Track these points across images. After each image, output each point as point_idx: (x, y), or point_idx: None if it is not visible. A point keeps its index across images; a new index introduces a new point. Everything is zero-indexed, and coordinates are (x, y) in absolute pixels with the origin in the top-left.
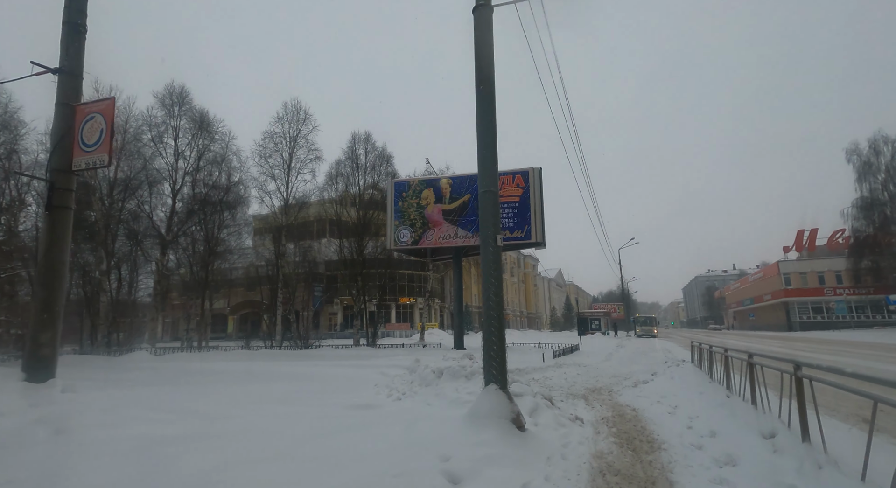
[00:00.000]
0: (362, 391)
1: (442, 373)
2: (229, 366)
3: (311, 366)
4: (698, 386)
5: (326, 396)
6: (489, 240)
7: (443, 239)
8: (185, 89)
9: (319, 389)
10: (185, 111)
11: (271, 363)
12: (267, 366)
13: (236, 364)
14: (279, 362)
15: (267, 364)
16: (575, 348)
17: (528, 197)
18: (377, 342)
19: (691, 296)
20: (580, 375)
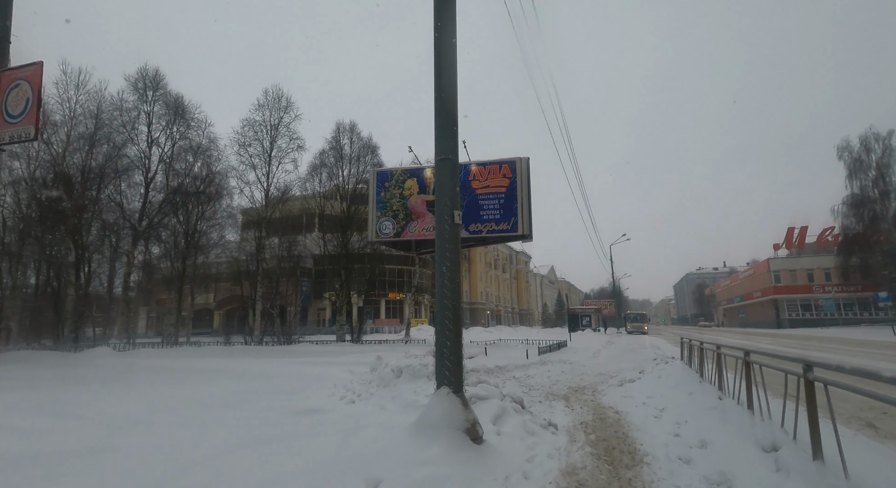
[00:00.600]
0: (316, 391)
1: (401, 373)
2: (189, 364)
3: (278, 363)
4: (688, 386)
5: (273, 398)
6: (445, 217)
7: (426, 231)
8: (160, 73)
9: (269, 389)
10: (160, 96)
11: (239, 360)
12: (230, 364)
13: (201, 361)
14: (248, 359)
15: (233, 361)
16: (562, 345)
17: (514, 187)
18: (362, 338)
19: (682, 293)
20: (564, 373)
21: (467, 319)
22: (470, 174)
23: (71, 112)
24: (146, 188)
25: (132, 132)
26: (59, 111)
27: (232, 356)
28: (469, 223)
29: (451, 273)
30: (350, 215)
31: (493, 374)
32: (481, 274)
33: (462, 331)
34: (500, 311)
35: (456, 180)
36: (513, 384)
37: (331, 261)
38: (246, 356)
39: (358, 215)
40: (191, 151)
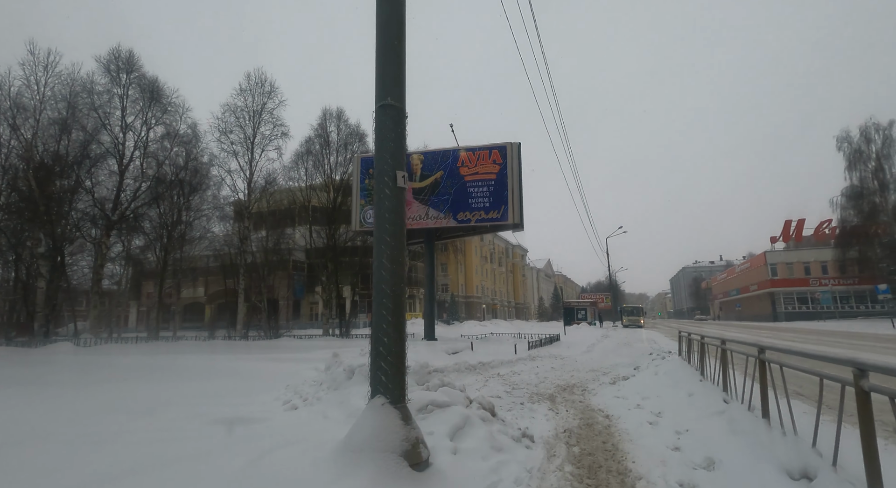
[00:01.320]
0: (262, 394)
1: (353, 373)
2: (153, 361)
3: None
4: (687, 385)
5: (209, 402)
6: (385, 179)
7: (413, 220)
8: (134, 54)
9: (212, 391)
10: (135, 79)
11: (210, 356)
12: (198, 360)
13: (168, 357)
14: (220, 355)
15: (203, 357)
16: (555, 339)
17: (505, 174)
18: (351, 332)
19: (678, 286)
20: (554, 369)
21: (462, 313)
22: (458, 160)
23: (40, 96)
24: (120, 176)
25: (104, 117)
26: (26, 94)
27: (206, 351)
28: (457, 211)
29: (391, 250)
30: (337, 206)
31: (476, 372)
32: (477, 267)
33: (405, 324)
34: (496, 305)
35: (401, 134)
36: (496, 382)
37: (319, 254)
38: (221, 351)
39: (346, 206)
40: (168, 138)
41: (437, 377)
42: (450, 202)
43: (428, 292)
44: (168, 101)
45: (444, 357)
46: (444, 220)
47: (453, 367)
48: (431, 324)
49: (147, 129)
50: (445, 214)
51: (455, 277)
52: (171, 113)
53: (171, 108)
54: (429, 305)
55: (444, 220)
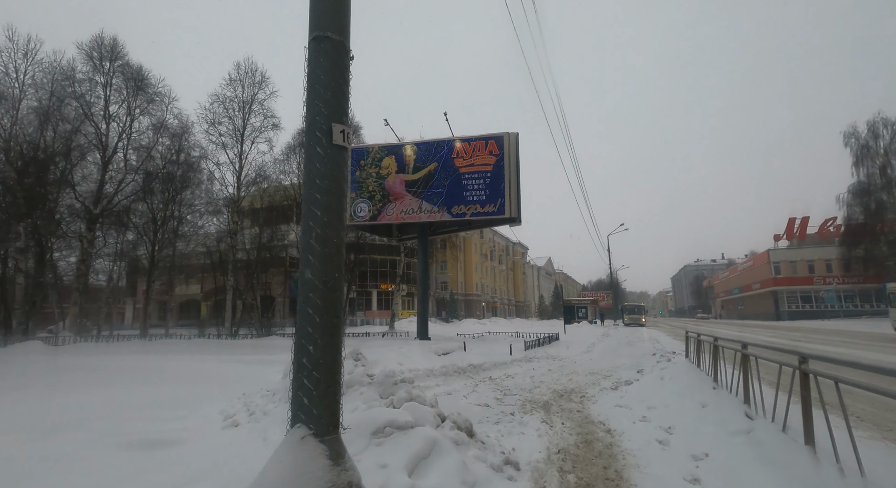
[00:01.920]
0: (205, 406)
1: None
2: (120, 362)
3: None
4: (699, 394)
5: (132, 417)
6: (317, 134)
7: (405, 213)
8: (118, 41)
9: (149, 402)
10: (119, 67)
11: (181, 356)
12: (167, 361)
13: (139, 358)
14: (194, 355)
15: (175, 357)
16: (554, 338)
17: (502, 166)
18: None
19: (679, 285)
20: (551, 372)
21: (462, 311)
22: (453, 151)
23: (20, 84)
24: (103, 168)
25: (86, 106)
26: (4, 82)
27: (186, 351)
28: (452, 205)
29: (323, 228)
30: None
31: (466, 375)
32: (476, 265)
33: (342, 328)
34: (496, 303)
35: (342, 75)
36: (487, 387)
37: None
38: (202, 351)
39: None
40: (154, 128)
41: (404, 389)
42: (444, 195)
43: (421, 289)
44: (154, 90)
45: (433, 359)
46: (437, 214)
47: (440, 371)
48: (424, 323)
49: (131, 120)
50: (439, 208)
51: (454, 275)
52: (157, 103)
53: (157, 97)
54: (422, 303)
55: (437, 214)
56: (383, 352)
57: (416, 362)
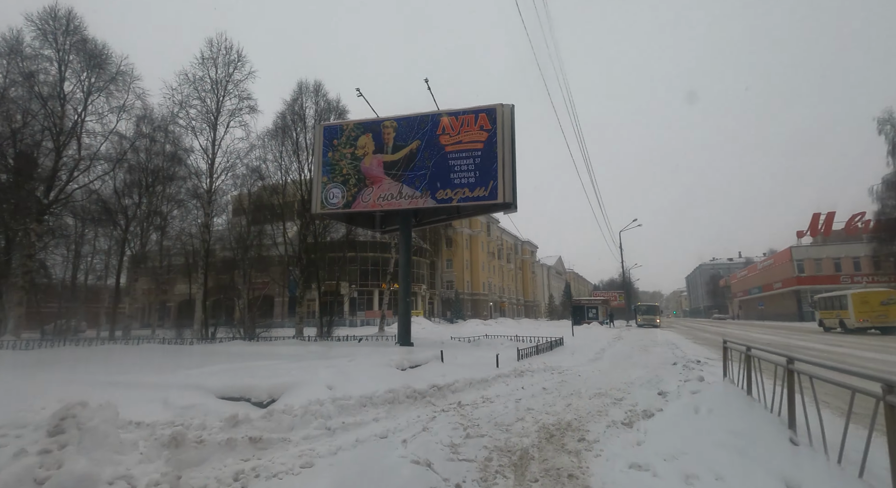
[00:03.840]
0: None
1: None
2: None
3: (62, 381)
4: (769, 453)
5: None
6: None
7: (383, 199)
8: (74, 14)
9: None
10: (76, 43)
11: (109, 369)
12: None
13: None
14: (87, 368)
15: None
16: (557, 343)
17: (494, 142)
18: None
19: (695, 284)
20: (546, 392)
21: (468, 311)
22: (438, 127)
23: None
24: (56, 153)
25: (39, 85)
26: None
27: (96, 363)
28: (436, 189)
29: None
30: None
31: (423, 402)
32: (483, 263)
33: None
34: (504, 303)
35: None
36: (447, 421)
37: (302, 248)
38: (83, 363)
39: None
40: (115, 111)
41: (315, 423)
42: (427, 178)
43: (402, 288)
44: (116, 68)
45: (388, 376)
46: (420, 200)
47: (384, 397)
48: (406, 326)
49: (88, 100)
50: (422, 192)
51: (460, 274)
52: (118, 82)
53: (119, 76)
54: (403, 303)
55: (420, 200)
56: (315, 372)
57: (357, 383)
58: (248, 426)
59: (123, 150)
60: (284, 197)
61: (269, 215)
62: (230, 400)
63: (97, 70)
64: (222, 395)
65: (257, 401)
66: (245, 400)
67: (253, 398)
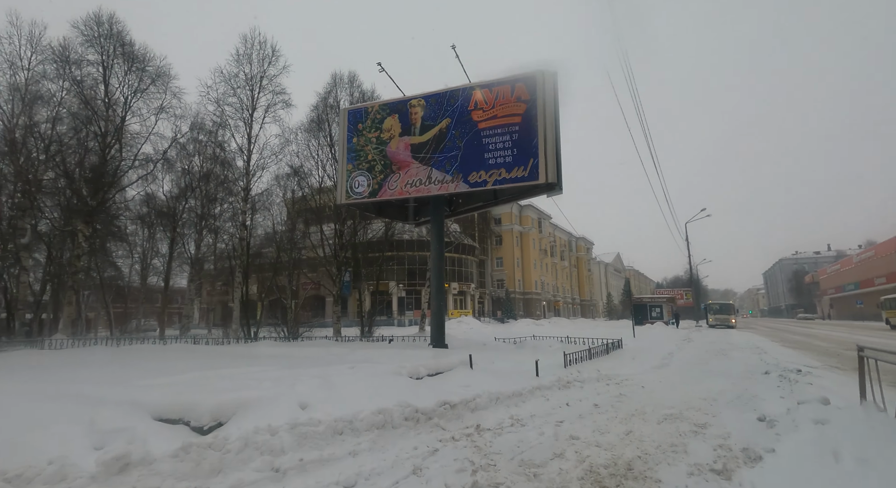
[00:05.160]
0: None
1: None
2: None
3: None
4: None
5: None
6: None
7: (410, 186)
8: (117, 18)
9: None
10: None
11: (110, 371)
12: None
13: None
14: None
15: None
16: (615, 346)
17: (534, 115)
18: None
19: (774, 280)
20: (598, 411)
21: (520, 311)
22: (470, 101)
23: (26, 74)
24: (103, 157)
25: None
26: (8, 72)
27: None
28: (469, 171)
29: None
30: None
31: (429, 424)
32: (535, 261)
33: None
34: (559, 302)
35: None
36: (451, 457)
37: (337, 245)
38: (147, 360)
39: None
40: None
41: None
42: (458, 159)
43: (435, 284)
44: (156, 69)
45: (394, 388)
46: (451, 184)
47: (371, 421)
48: (440, 326)
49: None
50: (453, 176)
51: (511, 272)
52: (157, 83)
53: (158, 78)
54: (436, 301)
55: (451, 184)
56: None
57: (343, 400)
58: (143, 471)
59: (163, 151)
60: (321, 194)
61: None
62: (167, 422)
63: (139, 72)
64: (160, 415)
65: (197, 425)
66: (184, 422)
67: (193, 420)
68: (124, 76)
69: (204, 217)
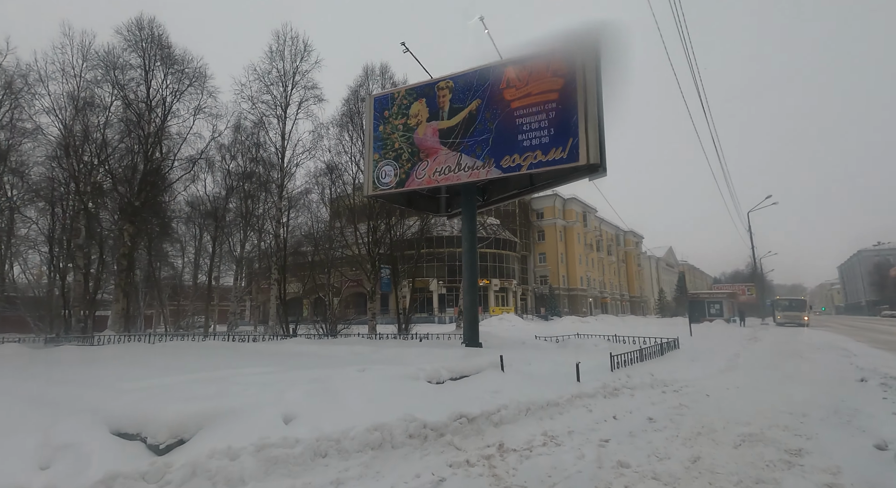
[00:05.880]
0: None
1: None
2: None
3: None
4: None
5: None
6: None
7: (439, 173)
8: (158, 22)
9: None
10: (161, 51)
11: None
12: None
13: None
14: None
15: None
16: (670, 346)
17: (573, 90)
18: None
19: (852, 274)
20: (653, 427)
21: (565, 308)
22: (502, 80)
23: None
24: (145, 157)
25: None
26: (61, 80)
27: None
28: (500, 156)
29: None
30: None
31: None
32: (580, 256)
33: None
34: (606, 299)
35: None
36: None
37: (371, 242)
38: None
39: None
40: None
41: None
42: (490, 142)
43: (467, 279)
44: (194, 71)
45: (401, 395)
46: (482, 170)
47: (364, 440)
48: (472, 323)
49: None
50: (484, 161)
51: (555, 268)
52: (195, 85)
53: (196, 80)
54: (468, 297)
55: (482, 170)
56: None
57: (338, 411)
58: None
59: (200, 150)
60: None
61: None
62: (124, 437)
63: (179, 74)
64: (119, 428)
65: (153, 443)
66: (141, 438)
67: (150, 436)
68: (164, 78)
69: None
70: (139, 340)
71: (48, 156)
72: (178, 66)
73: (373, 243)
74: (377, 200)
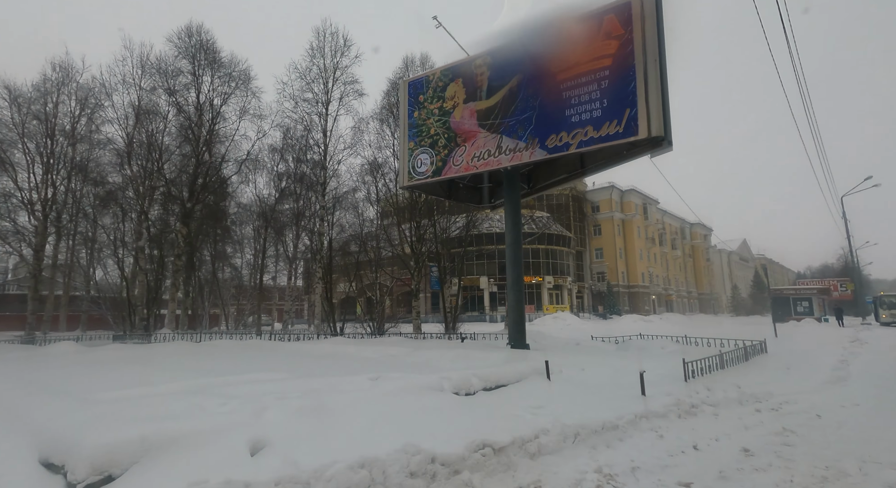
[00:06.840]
0: None
1: None
2: None
3: None
4: None
5: None
6: None
7: (477, 159)
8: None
9: None
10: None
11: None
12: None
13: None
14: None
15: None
16: (756, 349)
17: (629, 53)
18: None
19: None
20: (751, 465)
21: (625, 305)
22: (544, 50)
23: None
24: (197, 160)
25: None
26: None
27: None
28: (546, 135)
29: None
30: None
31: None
32: (641, 251)
33: None
34: (671, 296)
35: None
36: None
37: (415, 238)
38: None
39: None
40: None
41: None
42: (533, 120)
43: (512, 275)
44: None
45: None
46: (525, 152)
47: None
48: (518, 323)
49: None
50: (527, 142)
51: (613, 264)
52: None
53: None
54: (512, 294)
55: (525, 152)
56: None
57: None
58: None
59: (247, 151)
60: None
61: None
62: (49, 468)
63: (226, 78)
64: (47, 458)
65: (73, 480)
66: (63, 473)
67: (70, 471)
68: (211, 81)
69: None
70: (189, 339)
71: (113, 164)
72: (225, 69)
73: (417, 240)
74: (419, 195)
